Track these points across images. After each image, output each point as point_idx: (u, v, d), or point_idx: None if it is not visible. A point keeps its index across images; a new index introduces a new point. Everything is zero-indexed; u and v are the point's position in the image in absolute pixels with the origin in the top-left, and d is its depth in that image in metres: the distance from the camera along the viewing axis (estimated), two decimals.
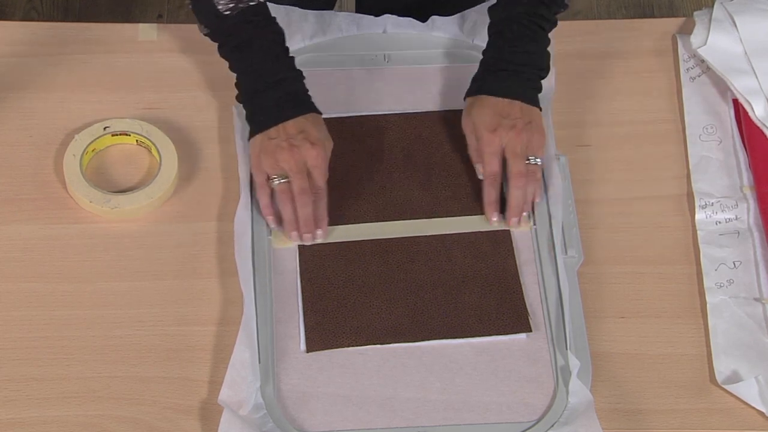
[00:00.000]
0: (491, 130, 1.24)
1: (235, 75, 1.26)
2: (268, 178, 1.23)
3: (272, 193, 1.24)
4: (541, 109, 1.27)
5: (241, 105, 1.28)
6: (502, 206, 1.26)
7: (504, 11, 1.27)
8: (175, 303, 1.21)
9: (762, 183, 1.29)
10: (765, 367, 1.19)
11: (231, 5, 1.22)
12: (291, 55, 1.26)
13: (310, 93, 1.25)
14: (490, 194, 1.26)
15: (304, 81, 1.25)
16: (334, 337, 1.19)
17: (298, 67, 1.26)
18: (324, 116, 1.28)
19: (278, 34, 1.25)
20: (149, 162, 1.30)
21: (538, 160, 1.25)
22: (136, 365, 1.17)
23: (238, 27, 1.23)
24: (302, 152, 1.21)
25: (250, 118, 1.25)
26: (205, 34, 1.26)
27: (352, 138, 1.31)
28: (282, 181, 1.22)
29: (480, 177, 1.27)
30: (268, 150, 1.22)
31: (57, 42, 1.37)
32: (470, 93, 1.28)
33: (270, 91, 1.23)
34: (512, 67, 1.26)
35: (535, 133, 1.25)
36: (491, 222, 1.25)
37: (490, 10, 1.29)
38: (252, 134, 1.24)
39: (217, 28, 1.25)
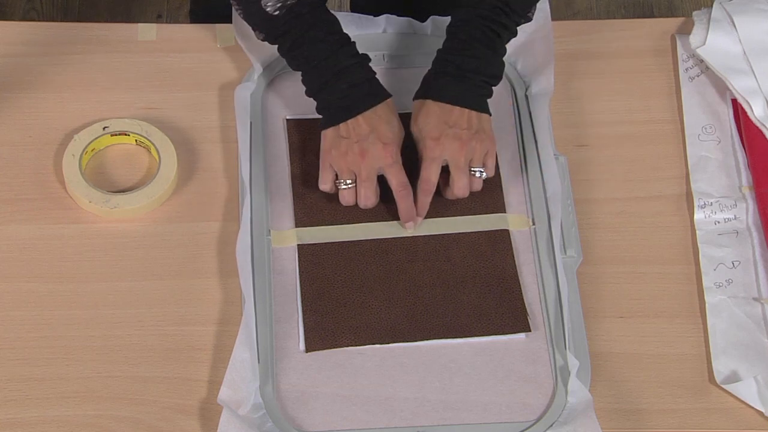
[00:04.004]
0: (434, 138, 1.22)
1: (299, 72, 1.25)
2: (336, 178, 1.23)
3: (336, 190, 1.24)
4: (490, 115, 1.25)
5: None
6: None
7: (463, 13, 1.26)
8: (175, 303, 1.21)
9: (761, 183, 1.29)
10: (764, 367, 1.19)
11: (279, 5, 1.21)
12: (352, 42, 1.24)
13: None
14: (421, 203, 1.24)
15: (369, 64, 1.24)
16: (334, 337, 1.19)
17: (362, 53, 1.24)
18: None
19: (331, 23, 1.24)
20: (148, 162, 1.30)
21: (484, 173, 1.24)
22: (136, 365, 1.17)
23: (289, 24, 1.22)
24: (374, 156, 1.21)
25: (319, 111, 1.24)
26: (262, 40, 1.26)
27: None
28: (349, 185, 1.23)
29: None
30: (339, 150, 1.22)
31: (56, 42, 1.37)
32: (417, 96, 1.26)
33: (333, 83, 1.22)
34: (459, 72, 1.24)
35: (482, 141, 1.23)
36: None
37: (453, 12, 1.28)
38: (323, 127, 1.24)
39: (270, 30, 1.24)
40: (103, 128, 1.29)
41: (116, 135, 1.30)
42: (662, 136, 1.34)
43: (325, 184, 1.24)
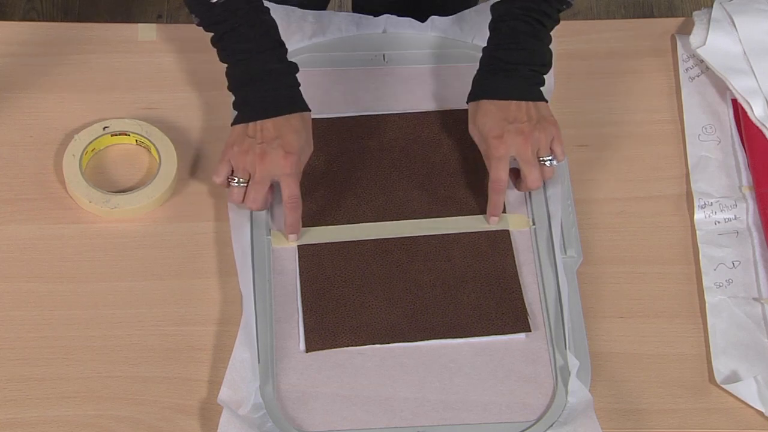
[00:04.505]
0: (497, 137, 1.22)
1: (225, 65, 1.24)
2: (232, 173, 1.22)
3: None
4: (547, 102, 1.25)
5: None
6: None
7: (503, 7, 1.25)
8: (175, 303, 1.21)
9: (761, 183, 1.29)
10: (764, 367, 1.19)
11: None
12: (284, 47, 1.23)
13: (302, 88, 1.23)
14: (494, 202, 1.24)
15: (296, 74, 1.23)
16: (334, 337, 1.19)
17: (291, 60, 1.24)
18: (323, 116, 1.28)
19: (267, 24, 1.23)
20: (149, 162, 1.30)
21: (554, 161, 1.23)
22: (136, 365, 1.17)
23: (225, 16, 1.21)
24: (273, 161, 1.19)
25: (235, 107, 1.23)
26: (197, 25, 1.25)
27: (350, 138, 1.31)
28: (240, 184, 1.21)
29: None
30: (242, 147, 1.21)
31: (57, 42, 1.37)
32: (471, 97, 1.26)
33: (256, 83, 1.21)
34: (509, 66, 1.23)
35: (545, 130, 1.22)
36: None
37: (492, 7, 1.27)
38: (234, 122, 1.23)
39: (205, 16, 1.22)
40: (104, 128, 1.29)
41: (116, 135, 1.30)
42: (662, 136, 1.34)
43: (218, 178, 1.22)
